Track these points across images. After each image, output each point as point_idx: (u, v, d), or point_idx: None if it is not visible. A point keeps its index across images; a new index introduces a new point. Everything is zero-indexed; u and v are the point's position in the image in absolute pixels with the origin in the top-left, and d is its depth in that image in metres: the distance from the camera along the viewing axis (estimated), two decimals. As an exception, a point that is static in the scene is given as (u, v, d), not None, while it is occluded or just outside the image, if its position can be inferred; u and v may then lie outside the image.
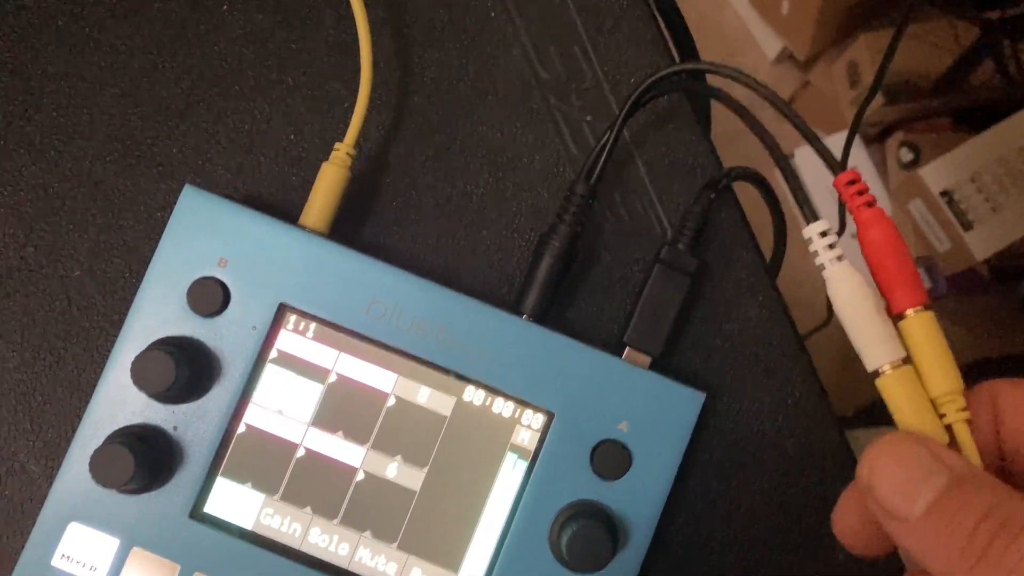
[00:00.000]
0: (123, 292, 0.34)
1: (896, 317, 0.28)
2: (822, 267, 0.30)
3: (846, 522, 0.28)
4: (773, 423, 0.35)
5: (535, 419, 0.31)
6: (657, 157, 0.36)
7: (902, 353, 0.28)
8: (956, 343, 0.28)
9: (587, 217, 0.33)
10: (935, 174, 1.17)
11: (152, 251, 0.33)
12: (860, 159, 1.28)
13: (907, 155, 1.21)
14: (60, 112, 0.35)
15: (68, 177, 0.34)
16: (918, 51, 1.17)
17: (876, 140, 1.29)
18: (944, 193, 1.14)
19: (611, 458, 0.31)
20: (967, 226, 1.13)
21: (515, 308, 0.33)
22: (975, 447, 0.26)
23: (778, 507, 0.35)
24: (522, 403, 0.31)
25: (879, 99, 1.17)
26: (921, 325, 0.28)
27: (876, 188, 1.21)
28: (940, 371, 0.27)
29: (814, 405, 0.36)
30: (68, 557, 0.30)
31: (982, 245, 1.12)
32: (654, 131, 0.36)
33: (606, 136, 0.33)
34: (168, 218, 0.32)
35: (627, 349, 0.33)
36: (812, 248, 0.30)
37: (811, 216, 0.30)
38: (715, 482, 0.34)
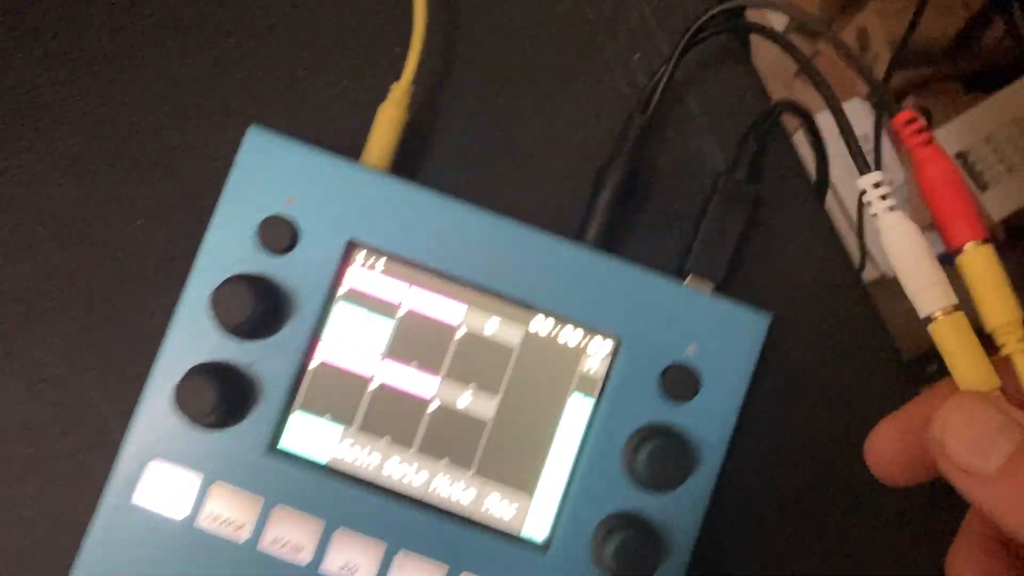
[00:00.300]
0: (186, 240, 0.34)
1: (955, 252, 0.29)
2: (875, 216, 0.30)
3: (884, 450, 0.29)
4: (831, 350, 0.35)
5: (603, 346, 0.32)
6: (707, 95, 0.36)
7: (954, 299, 0.28)
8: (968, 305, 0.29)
9: (645, 149, 0.34)
10: (949, 137, 1.17)
11: (211, 199, 0.33)
12: (871, 126, 1.28)
13: (876, 179, 1.21)
14: (115, 66, 0.35)
15: (125, 129, 0.35)
16: (927, 15, 1.17)
17: (876, 116, 1.29)
18: (959, 155, 1.14)
19: (680, 381, 0.31)
20: (983, 187, 1.13)
21: (577, 239, 0.33)
22: None
23: (835, 433, 0.35)
24: (589, 330, 0.32)
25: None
26: (980, 257, 0.28)
27: (889, 154, 1.21)
28: (1000, 302, 0.28)
29: (869, 333, 0.36)
30: (150, 495, 0.30)
31: (999, 205, 1.12)
32: (703, 69, 0.36)
33: (663, 68, 0.33)
34: (225, 168, 0.33)
35: (689, 276, 0.33)
36: (866, 199, 0.30)
37: (864, 167, 0.31)
38: (776, 408, 0.35)
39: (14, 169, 0.35)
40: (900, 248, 0.29)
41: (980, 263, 0.28)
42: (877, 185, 0.30)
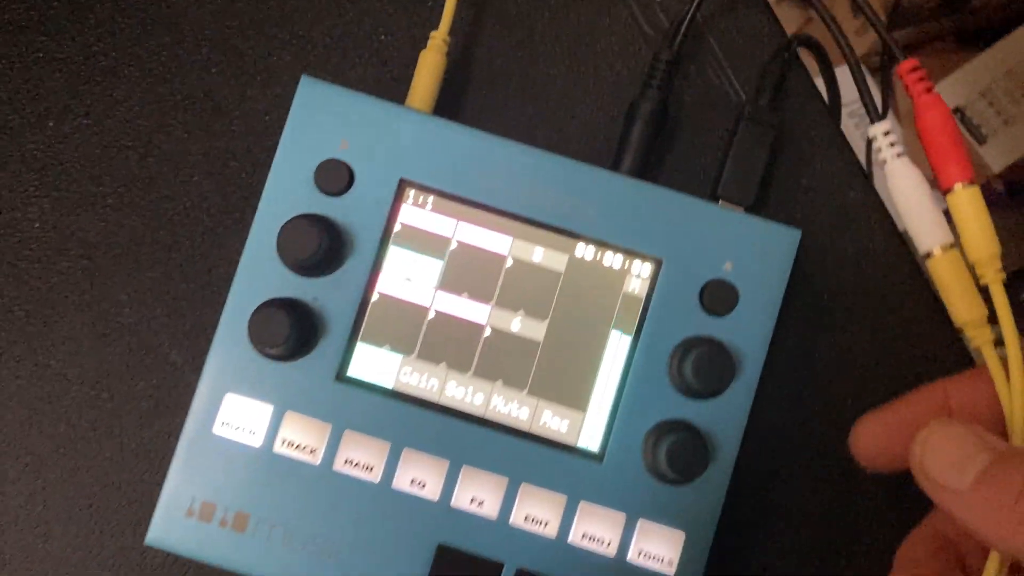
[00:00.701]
0: (242, 191, 0.36)
1: (945, 192, 0.32)
2: (884, 162, 0.32)
3: (868, 443, 0.32)
4: (856, 270, 0.37)
5: (644, 268, 0.34)
6: (726, 32, 0.38)
7: (951, 238, 0.31)
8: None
9: (671, 83, 0.36)
10: (945, 93, 1.19)
11: (263, 152, 0.35)
12: (832, 126, 1.30)
13: (885, 128, 1.23)
14: (163, 31, 0.37)
15: (178, 90, 0.37)
16: (918, -25, 1.19)
17: (881, 69, 1.31)
18: (956, 110, 1.16)
19: (719, 296, 0.33)
20: (981, 140, 1.15)
21: (614, 169, 0.35)
22: (1009, 305, 0.30)
23: (865, 350, 0.37)
24: (630, 253, 0.34)
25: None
26: (967, 197, 0.31)
27: (849, 153, 1.23)
28: (982, 237, 0.31)
29: (894, 252, 0.38)
30: (227, 424, 0.32)
31: (997, 157, 1.14)
32: (723, 11, 0.38)
33: (687, 8, 0.35)
34: (273, 121, 0.35)
35: (720, 201, 0.35)
36: (876, 145, 0.33)
37: (876, 115, 0.33)
38: (807, 326, 0.37)
39: (76, 133, 0.37)
40: (904, 190, 0.32)
41: (967, 201, 0.31)
42: (887, 133, 0.32)
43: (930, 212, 0.32)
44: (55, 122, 0.36)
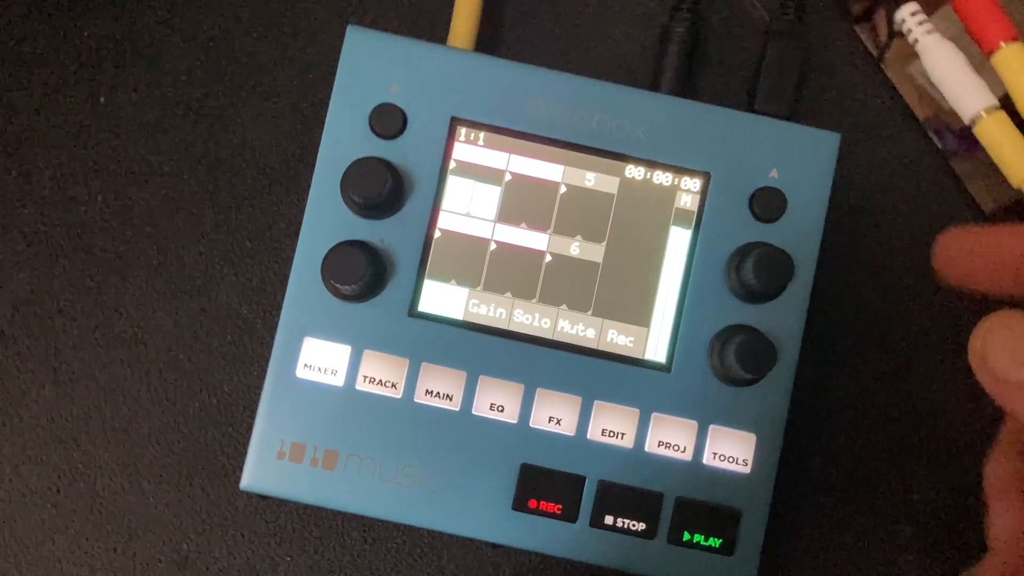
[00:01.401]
0: (295, 147, 0.37)
1: (989, 54, 0.32)
2: (915, 41, 0.33)
3: (947, 256, 0.31)
4: (887, 172, 0.39)
5: (693, 182, 0.35)
6: (743, -46, 0.39)
7: (994, 100, 0.32)
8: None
9: (700, 3, 0.37)
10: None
11: (311, 109, 0.36)
12: (852, 37, 1.31)
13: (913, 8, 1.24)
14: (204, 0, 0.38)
15: (223, 56, 0.38)
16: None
17: (863, 18, 1.32)
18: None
19: (768, 202, 0.34)
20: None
21: (654, 90, 0.36)
22: None
23: (904, 243, 0.39)
24: (679, 170, 0.35)
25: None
26: (1013, 52, 0.32)
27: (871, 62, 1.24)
28: None
29: (926, 154, 0.39)
30: (309, 367, 0.34)
31: (995, 88, 1.16)
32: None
33: (707, -73, 0.36)
34: (317, 77, 0.36)
35: (758, 114, 0.36)
36: (906, 28, 0.34)
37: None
38: (850, 224, 0.38)
39: (127, 106, 0.38)
40: (941, 62, 0.32)
41: (1014, 57, 0.31)
42: (914, 14, 0.33)
43: (969, 78, 0.32)
44: (106, 97, 0.37)
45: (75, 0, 0.38)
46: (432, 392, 0.34)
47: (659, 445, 0.34)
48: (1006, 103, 0.36)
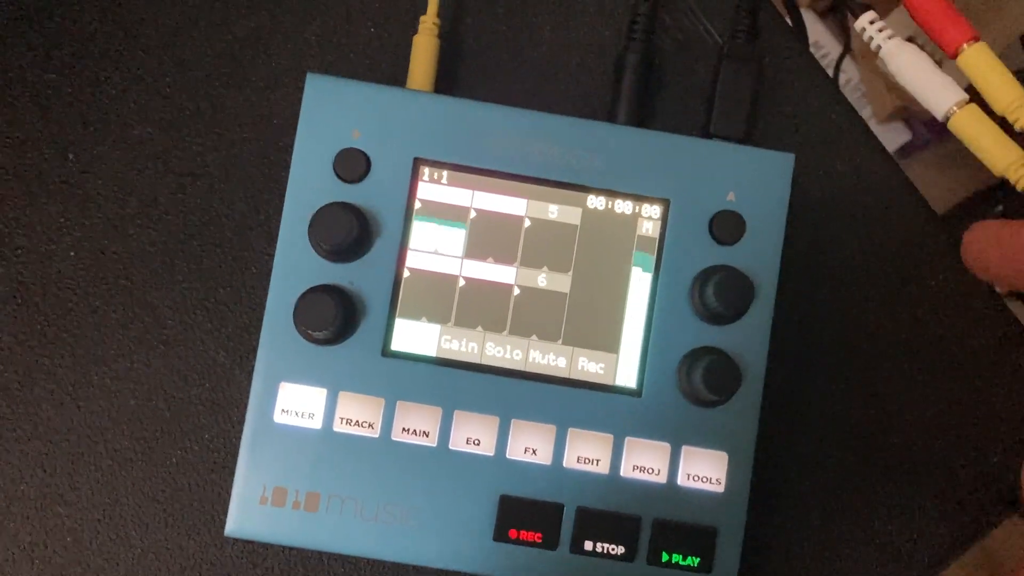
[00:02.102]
0: (263, 193, 0.38)
1: (954, 56, 0.33)
2: (878, 48, 0.34)
3: (977, 250, 0.30)
4: (848, 185, 0.40)
5: (654, 209, 0.36)
6: (693, -21, 0.40)
7: (964, 95, 0.32)
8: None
9: (653, 32, 0.38)
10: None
11: (277, 154, 0.37)
12: (819, 32, 1.32)
13: (871, 17, 1.25)
14: (165, 52, 0.39)
15: (186, 106, 0.38)
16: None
17: (829, 12, 1.33)
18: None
19: (727, 226, 0.35)
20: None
21: (610, 121, 0.37)
22: None
23: (863, 254, 0.39)
24: (639, 198, 0.36)
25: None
26: (977, 53, 0.32)
27: (838, 55, 1.25)
28: (1004, 86, 0.32)
29: (880, 163, 0.40)
30: (287, 411, 0.34)
31: (958, 79, 1.17)
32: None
33: (655, -42, 0.37)
34: (281, 123, 0.37)
35: (714, 137, 0.37)
36: (867, 36, 0.35)
37: (858, 10, 0.35)
38: (810, 239, 0.39)
39: (96, 162, 0.38)
40: (907, 65, 0.33)
41: (979, 57, 0.32)
42: (873, 22, 0.34)
43: (936, 76, 0.32)
44: (74, 154, 0.38)
45: (37, 57, 0.38)
46: (409, 430, 0.34)
47: (634, 469, 0.35)
48: (975, 96, 0.36)
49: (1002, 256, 0.30)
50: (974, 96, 0.35)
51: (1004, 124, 0.34)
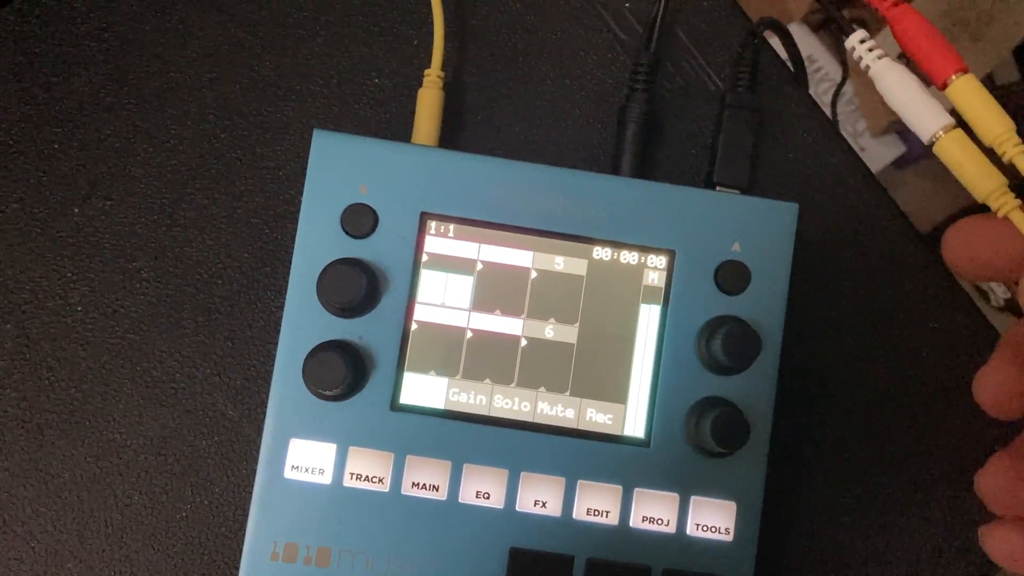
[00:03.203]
0: (269, 245, 0.38)
1: (942, 87, 0.33)
2: (867, 68, 0.34)
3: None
4: (851, 231, 0.40)
5: (659, 260, 0.36)
6: (694, 25, 0.41)
7: (951, 119, 0.33)
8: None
9: (655, 81, 0.38)
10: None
11: (283, 206, 0.37)
12: (812, 46, 1.33)
13: (861, 36, 1.26)
14: (170, 105, 0.39)
15: (191, 159, 0.39)
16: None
17: (822, 26, 1.34)
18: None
19: (732, 275, 0.36)
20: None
21: (614, 173, 0.37)
22: None
23: (865, 297, 0.40)
24: (644, 249, 0.36)
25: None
26: (965, 84, 0.32)
27: (833, 69, 1.26)
28: (992, 117, 0.32)
29: (885, 208, 0.40)
30: (297, 467, 0.34)
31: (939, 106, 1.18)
32: (685, 4, 0.41)
33: (655, 8, 0.37)
34: (287, 175, 0.37)
35: (717, 187, 0.38)
36: (856, 55, 0.35)
37: (849, 29, 0.35)
38: (813, 287, 0.39)
39: (101, 215, 0.38)
40: (893, 85, 0.33)
41: (966, 88, 0.32)
42: (863, 41, 0.34)
43: (924, 99, 0.32)
44: (79, 208, 0.38)
45: (41, 113, 0.38)
46: (418, 484, 0.34)
47: (643, 520, 0.35)
48: (964, 123, 0.36)
49: (994, 248, 0.31)
50: (962, 122, 0.36)
51: (992, 154, 0.34)
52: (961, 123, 0.33)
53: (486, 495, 0.35)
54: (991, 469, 0.32)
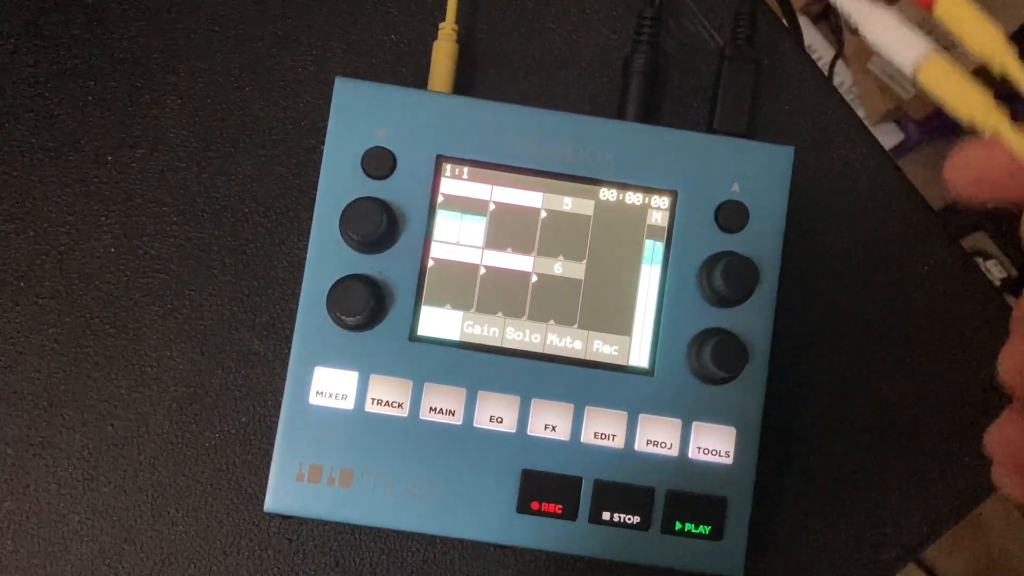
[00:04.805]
0: (292, 191, 0.40)
1: (928, 7, 0.35)
2: (849, 16, 0.36)
3: (960, 168, 0.30)
4: (841, 176, 0.42)
5: (662, 200, 0.38)
6: (694, -15, 0.43)
7: (930, 46, 0.34)
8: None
9: (658, 35, 0.40)
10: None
11: (305, 154, 0.39)
12: (813, 36, 1.35)
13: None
14: (197, 59, 0.41)
15: (218, 109, 0.41)
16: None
17: (822, 17, 1.36)
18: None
19: (732, 214, 0.38)
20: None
21: (619, 118, 0.39)
22: None
23: (857, 240, 0.42)
24: (648, 190, 0.38)
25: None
26: (952, 2, 0.34)
27: (831, 58, 1.28)
28: (979, 27, 0.33)
29: (871, 156, 0.42)
30: (321, 393, 0.36)
31: (922, 35, 1.20)
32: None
33: (659, -35, 0.40)
34: (309, 126, 0.39)
35: (717, 133, 0.40)
36: (841, 8, 0.37)
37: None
38: (807, 226, 0.41)
39: (133, 163, 0.40)
40: (873, 25, 0.35)
41: (952, 4, 0.34)
42: None
43: (903, 29, 0.34)
44: (113, 156, 0.40)
45: (78, 66, 0.40)
46: (435, 409, 0.37)
47: (648, 444, 0.37)
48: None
49: (987, 170, 0.30)
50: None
51: (985, 77, 0.36)
52: (951, 62, 0.35)
53: (499, 420, 0.37)
54: (1001, 425, 0.32)
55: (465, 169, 0.38)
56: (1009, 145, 0.33)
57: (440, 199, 0.38)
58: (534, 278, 0.38)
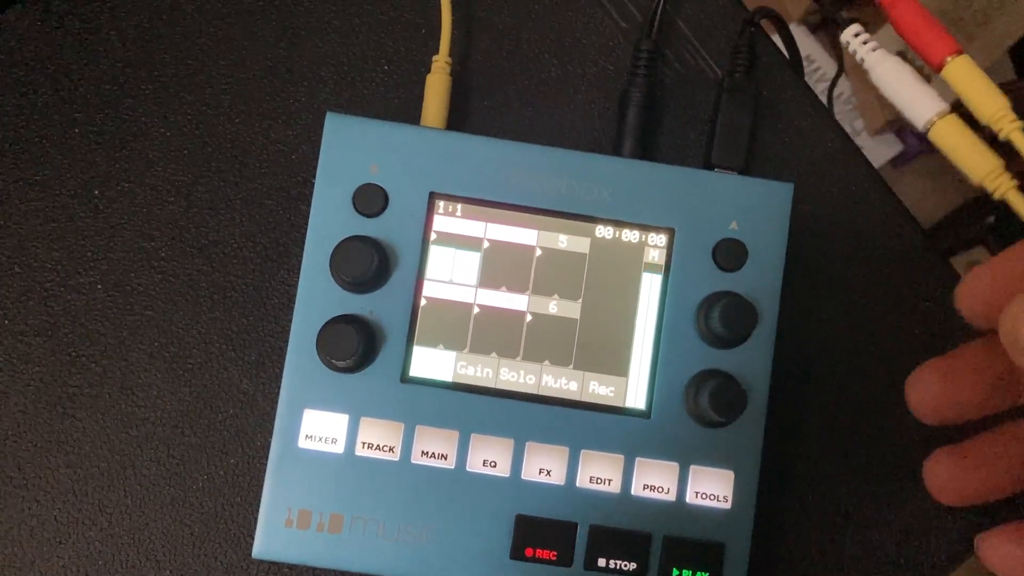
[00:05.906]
0: (282, 226, 0.40)
1: (939, 69, 0.34)
2: (862, 61, 0.36)
3: (974, 295, 0.32)
4: (841, 210, 0.41)
5: (659, 238, 0.37)
6: (693, 15, 0.42)
7: (945, 105, 0.34)
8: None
9: (655, 67, 0.39)
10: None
11: (296, 188, 0.38)
12: (811, 47, 1.35)
13: (856, 30, 1.28)
14: (186, 90, 0.40)
15: (208, 142, 0.40)
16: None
17: (820, 28, 1.36)
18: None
19: (729, 253, 0.37)
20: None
21: (615, 154, 0.38)
22: None
23: (856, 271, 0.41)
24: (645, 227, 0.37)
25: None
26: (961, 66, 0.34)
27: (830, 69, 1.27)
28: (988, 96, 0.33)
29: (876, 189, 0.42)
30: (310, 437, 0.36)
31: (944, 93, 1.19)
32: (685, -6, 0.42)
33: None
34: (300, 158, 0.38)
35: (715, 168, 0.39)
36: (851, 49, 0.36)
37: (844, 23, 0.36)
38: (807, 266, 0.40)
39: (121, 197, 0.40)
40: (887, 74, 0.35)
41: (962, 69, 0.34)
42: (857, 34, 0.36)
43: (918, 86, 0.34)
44: (100, 189, 0.39)
45: (63, 97, 0.40)
46: (427, 453, 0.36)
47: (644, 488, 0.36)
48: (958, 109, 0.38)
49: (996, 297, 0.30)
50: (959, 110, 0.37)
51: (990, 140, 0.35)
52: (964, 123, 0.34)
53: (493, 464, 0.36)
54: (933, 462, 0.34)
55: (459, 206, 0.37)
56: (1017, 210, 0.33)
57: (433, 236, 0.37)
58: (529, 317, 0.37)
